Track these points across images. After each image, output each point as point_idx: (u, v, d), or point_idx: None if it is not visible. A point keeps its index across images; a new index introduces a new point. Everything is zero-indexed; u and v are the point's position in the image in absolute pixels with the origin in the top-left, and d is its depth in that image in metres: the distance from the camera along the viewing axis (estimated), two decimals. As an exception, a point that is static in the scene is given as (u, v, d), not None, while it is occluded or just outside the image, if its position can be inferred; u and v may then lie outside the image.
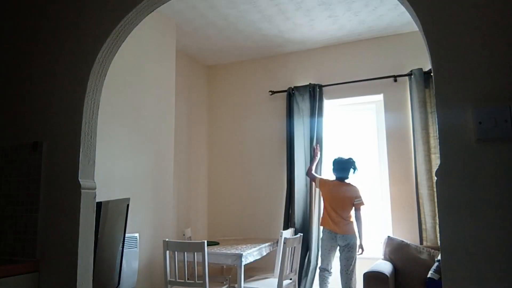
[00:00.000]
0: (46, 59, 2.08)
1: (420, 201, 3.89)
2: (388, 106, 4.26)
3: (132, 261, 2.98)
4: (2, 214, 2.03)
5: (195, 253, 3.11)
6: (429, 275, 3.27)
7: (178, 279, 3.18)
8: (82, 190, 1.87)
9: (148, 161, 3.41)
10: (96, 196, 1.97)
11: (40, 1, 2.17)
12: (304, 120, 4.50)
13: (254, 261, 3.60)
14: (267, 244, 3.93)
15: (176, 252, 3.22)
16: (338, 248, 3.78)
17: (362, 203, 3.79)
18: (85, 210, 1.87)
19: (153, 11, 2.01)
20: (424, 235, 3.82)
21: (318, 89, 4.48)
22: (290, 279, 3.58)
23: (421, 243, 3.83)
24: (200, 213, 4.85)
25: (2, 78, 2.19)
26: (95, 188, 1.96)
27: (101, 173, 2.85)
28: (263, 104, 4.88)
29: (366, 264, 3.99)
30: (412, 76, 4.05)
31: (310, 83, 4.53)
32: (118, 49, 2.06)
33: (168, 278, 3.17)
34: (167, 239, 3.20)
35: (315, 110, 4.42)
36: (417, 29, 1.50)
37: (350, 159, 3.92)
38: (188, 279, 3.12)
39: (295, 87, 4.60)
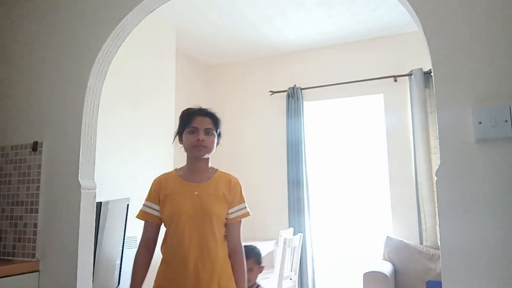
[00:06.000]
0: (47, 59, 2.08)
1: (420, 201, 3.89)
2: (388, 106, 4.26)
3: (132, 261, 2.97)
4: (2, 214, 2.02)
5: (195, 253, 3.10)
6: None
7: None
8: (82, 190, 1.87)
9: (148, 161, 3.41)
10: (96, 196, 1.97)
11: (40, 1, 2.17)
12: (303, 120, 4.50)
13: (254, 261, 3.60)
14: (267, 243, 3.93)
15: (176, 252, 3.20)
16: None
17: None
18: (85, 210, 1.87)
19: (153, 11, 2.01)
20: (424, 235, 3.82)
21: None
22: (290, 279, 3.58)
23: (421, 243, 3.82)
24: (200, 213, 4.84)
25: (2, 79, 2.19)
26: (95, 188, 1.96)
27: (101, 173, 2.85)
28: (263, 104, 4.88)
29: (366, 264, 3.99)
30: (412, 76, 4.04)
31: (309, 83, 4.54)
32: (118, 49, 2.06)
33: (168, 278, 3.16)
34: (167, 239, 3.19)
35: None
36: (417, 29, 1.50)
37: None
38: (188, 279, 3.11)
39: (294, 87, 4.60)
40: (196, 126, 1.78)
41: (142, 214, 1.87)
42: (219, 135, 1.88)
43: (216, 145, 1.86)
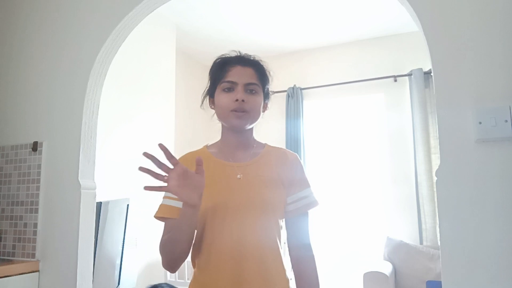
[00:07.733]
0: (46, 59, 2.08)
1: (420, 201, 3.89)
2: (388, 106, 4.25)
3: (132, 261, 2.98)
4: (2, 214, 2.02)
5: (195, 253, 3.10)
6: None
7: (178, 279, 3.18)
8: (82, 190, 1.87)
9: (148, 161, 3.41)
10: (96, 196, 1.97)
11: (40, 1, 2.17)
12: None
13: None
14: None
15: (176, 252, 3.20)
16: None
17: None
18: (85, 210, 1.87)
19: (153, 11, 2.01)
20: (424, 235, 3.82)
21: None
22: (291, 279, 3.57)
23: (421, 243, 3.83)
24: (200, 213, 4.83)
25: (2, 79, 2.19)
26: (95, 188, 1.96)
27: (101, 173, 2.85)
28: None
29: (366, 264, 3.99)
30: (412, 76, 4.04)
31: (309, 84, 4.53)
32: (118, 49, 2.06)
33: (168, 278, 3.17)
34: (167, 239, 3.19)
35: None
36: (417, 29, 1.50)
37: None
38: (188, 279, 3.12)
39: (294, 87, 4.60)
40: (233, 80, 1.21)
41: (164, 210, 1.17)
42: (267, 95, 1.30)
43: (264, 111, 1.31)
